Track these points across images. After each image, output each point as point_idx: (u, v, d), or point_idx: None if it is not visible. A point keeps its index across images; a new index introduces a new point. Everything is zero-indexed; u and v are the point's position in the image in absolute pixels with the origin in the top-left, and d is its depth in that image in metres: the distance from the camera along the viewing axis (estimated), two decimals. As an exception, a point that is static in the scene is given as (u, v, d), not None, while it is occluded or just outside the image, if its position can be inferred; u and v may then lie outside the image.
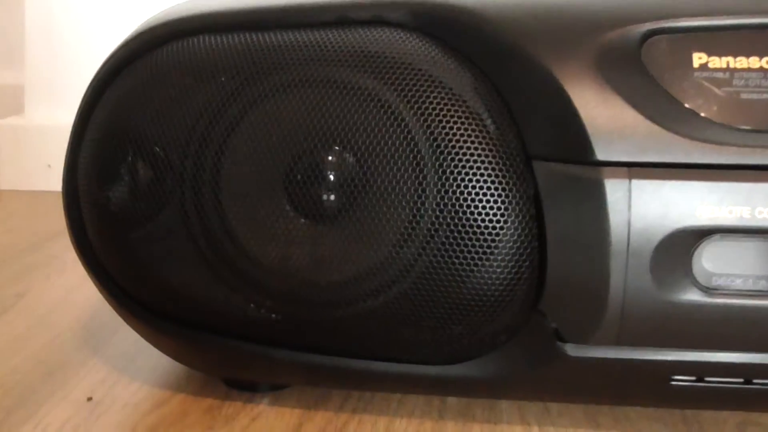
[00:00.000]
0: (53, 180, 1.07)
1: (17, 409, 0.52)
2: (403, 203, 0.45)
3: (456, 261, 0.44)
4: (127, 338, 0.61)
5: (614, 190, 0.42)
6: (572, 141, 0.43)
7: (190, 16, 0.50)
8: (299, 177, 0.46)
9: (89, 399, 0.53)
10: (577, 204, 0.43)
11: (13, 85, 1.23)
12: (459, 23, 0.46)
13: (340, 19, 0.48)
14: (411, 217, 0.45)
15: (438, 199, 0.44)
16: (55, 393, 0.54)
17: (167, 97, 0.47)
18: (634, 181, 0.42)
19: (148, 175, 0.47)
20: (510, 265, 0.44)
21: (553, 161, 0.43)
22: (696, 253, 0.42)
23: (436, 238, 0.45)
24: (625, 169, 0.42)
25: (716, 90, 0.43)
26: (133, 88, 0.48)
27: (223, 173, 0.47)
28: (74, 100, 0.52)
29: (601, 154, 0.42)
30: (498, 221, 0.44)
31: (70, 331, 0.64)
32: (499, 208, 0.43)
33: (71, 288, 0.73)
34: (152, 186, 0.47)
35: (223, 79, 0.47)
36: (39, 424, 0.50)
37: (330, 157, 0.46)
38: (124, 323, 0.54)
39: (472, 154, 0.44)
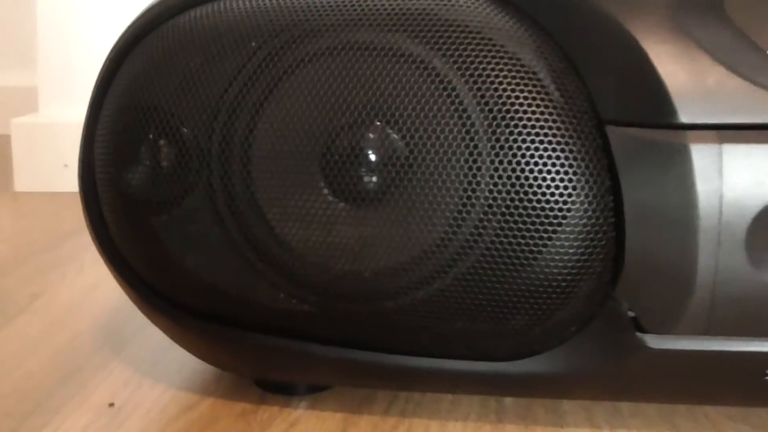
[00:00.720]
0: (70, 180, 1.03)
1: (33, 416, 0.47)
2: (456, 182, 0.40)
3: (517, 243, 0.39)
4: (150, 339, 0.57)
5: (702, 156, 0.37)
6: (651, 102, 0.38)
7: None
8: (338, 155, 0.41)
9: (111, 405, 0.49)
10: (660, 173, 0.37)
11: (28, 87, 1.20)
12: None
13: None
14: (464, 197, 0.40)
15: (495, 175, 0.39)
16: (73, 398, 0.49)
17: (192, 67, 0.42)
18: (726, 146, 0.36)
19: (171, 154, 0.43)
20: (581, 245, 0.39)
21: (630, 125, 0.38)
22: (799, 227, 0.37)
23: (492, 219, 0.39)
24: (713, 132, 0.37)
25: (813, 42, 0.38)
26: (153, 57, 0.43)
27: (253, 150, 0.42)
28: (88, 98, 0.48)
29: (685, 116, 0.37)
30: (565, 196, 0.38)
31: (89, 333, 0.59)
32: (565, 181, 0.38)
33: (89, 288, 0.69)
34: (177, 166, 0.42)
35: (253, 44, 0.42)
36: (56, 431, 0.46)
37: (371, 134, 0.41)
38: (147, 323, 0.49)
39: (533, 124, 0.39)
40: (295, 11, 0.43)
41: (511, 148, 0.39)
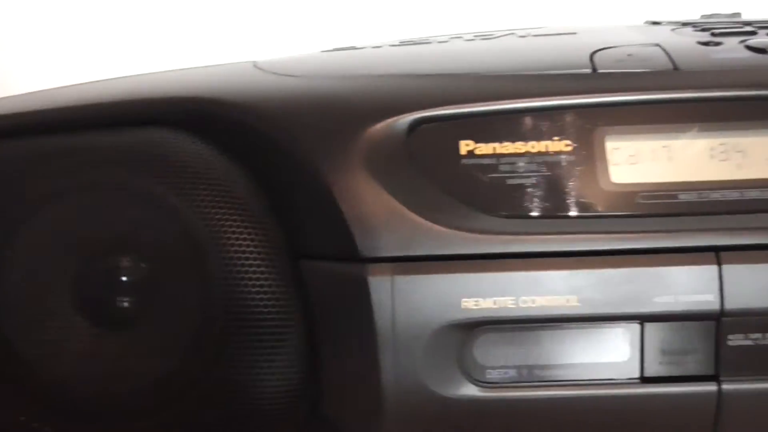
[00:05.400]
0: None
1: None
2: (193, 307, 0.44)
3: (242, 369, 0.43)
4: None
5: (378, 287, 0.41)
6: (339, 239, 0.42)
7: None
8: (86, 283, 0.44)
9: None
10: (346, 303, 0.41)
11: None
12: (226, 120, 0.45)
13: (114, 121, 0.47)
14: (201, 320, 0.44)
15: (225, 305, 0.43)
16: None
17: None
18: (397, 277, 0.41)
19: None
20: (289, 369, 0.43)
21: (323, 260, 0.42)
22: (467, 346, 0.41)
23: (224, 345, 0.43)
24: (388, 265, 0.41)
25: (482, 177, 0.43)
26: None
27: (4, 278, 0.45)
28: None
29: (365, 251, 0.41)
30: (275, 326, 0.43)
31: None
32: (273, 313, 0.42)
33: None
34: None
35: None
36: None
37: (117, 264, 0.45)
38: None
39: (247, 257, 0.43)
40: (34, 155, 0.46)
41: (234, 280, 0.43)
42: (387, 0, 0.84)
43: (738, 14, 0.60)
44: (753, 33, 0.49)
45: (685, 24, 0.54)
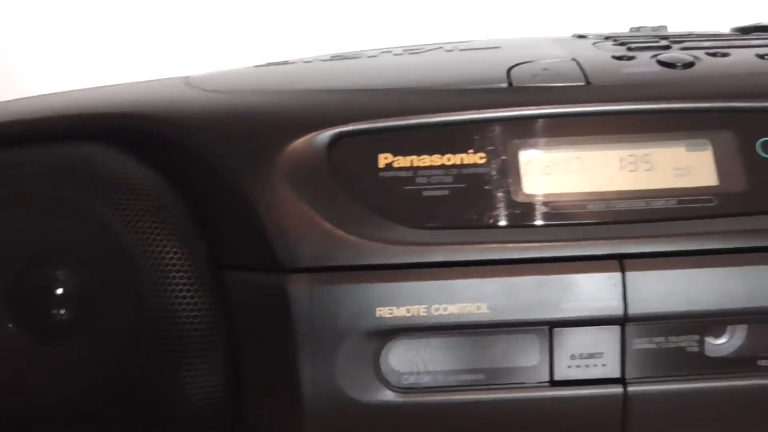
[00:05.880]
0: None
1: None
2: (125, 317, 0.45)
3: (170, 378, 0.44)
4: None
5: (297, 297, 0.42)
6: (260, 250, 0.43)
7: None
8: (21, 293, 0.45)
9: None
10: (267, 313, 0.43)
11: None
12: (154, 135, 0.46)
13: (48, 135, 0.48)
14: (132, 333, 0.45)
15: (155, 315, 0.44)
16: None
17: None
18: (315, 287, 0.42)
19: None
20: (215, 377, 0.44)
21: (245, 270, 0.44)
22: (383, 353, 0.43)
23: (154, 354, 0.45)
24: (307, 275, 0.43)
25: (400, 189, 0.44)
26: None
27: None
28: None
29: (284, 262, 0.43)
30: (200, 336, 0.44)
31: None
32: (195, 322, 0.44)
33: None
34: None
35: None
36: None
37: (50, 274, 0.46)
38: None
39: (177, 269, 0.44)
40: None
41: (163, 291, 0.44)
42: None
43: (664, 27, 0.62)
44: (667, 47, 0.51)
45: (607, 38, 0.56)
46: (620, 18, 0.71)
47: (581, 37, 0.58)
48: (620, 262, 0.42)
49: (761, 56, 0.49)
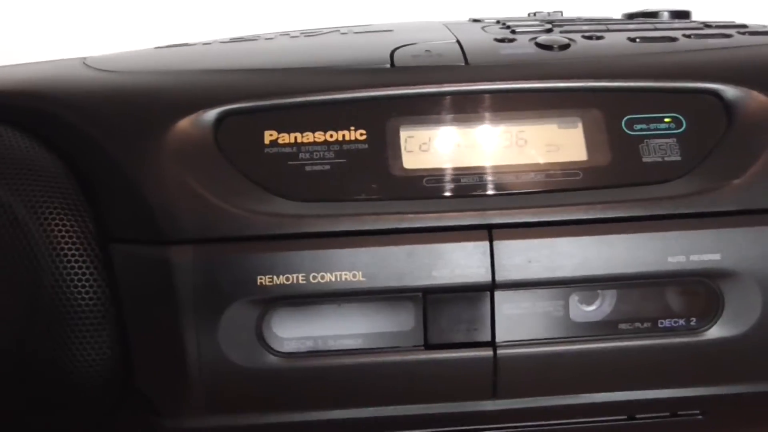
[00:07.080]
0: None
1: None
2: (23, 291, 0.46)
3: (64, 347, 0.46)
4: None
5: (180, 268, 0.44)
6: (145, 223, 0.45)
7: None
8: None
9: None
10: (152, 283, 0.44)
11: None
12: (46, 113, 0.47)
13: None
14: (31, 305, 0.46)
15: (52, 287, 0.45)
16: None
17: None
18: (198, 258, 0.44)
19: None
20: (105, 347, 0.46)
21: (132, 243, 0.45)
22: (265, 321, 0.45)
23: (51, 326, 0.46)
24: (189, 246, 0.44)
25: (284, 164, 0.46)
26: None
27: None
28: None
29: (168, 234, 0.44)
30: (89, 306, 0.45)
31: None
32: (87, 294, 0.45)
33: None
34: None
35: None
36: None
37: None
38: None
39: (66, 242, 0.46)
40: None
41: (57, 265, 0.45)
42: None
43: (559, 12, 0.65)
44: (549, 31, 0.54)
45: (498, 21, 0.58)
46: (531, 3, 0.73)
47: (476, 21, 0.61)
48: (489, 232, 0.44)
49: (632, 39, 0.52)
